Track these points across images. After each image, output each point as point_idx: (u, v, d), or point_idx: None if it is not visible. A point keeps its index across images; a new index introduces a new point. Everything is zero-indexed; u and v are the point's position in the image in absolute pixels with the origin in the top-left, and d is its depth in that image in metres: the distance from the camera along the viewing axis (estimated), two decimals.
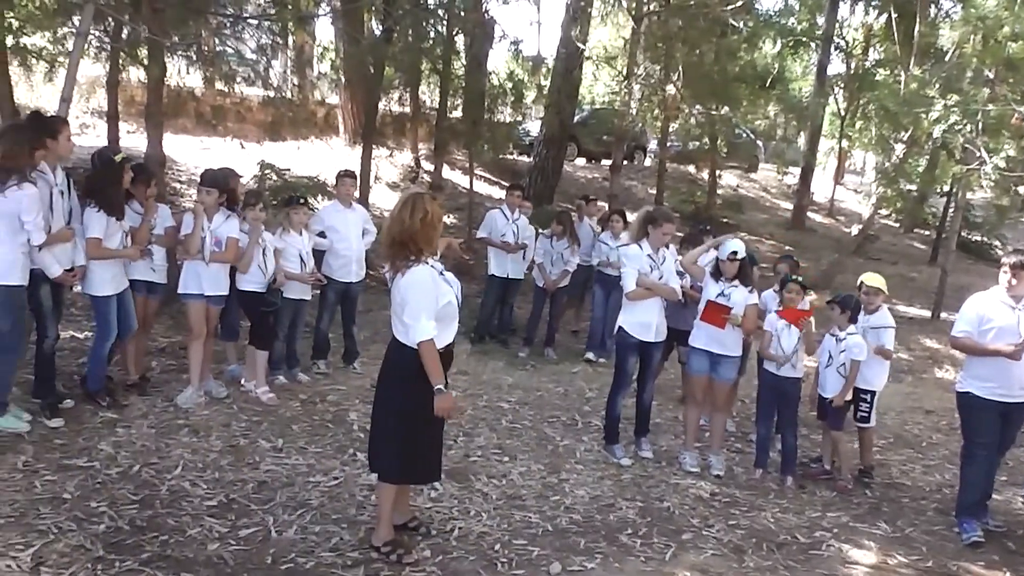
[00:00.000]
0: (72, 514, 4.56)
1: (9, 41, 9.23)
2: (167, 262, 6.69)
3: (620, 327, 6.42)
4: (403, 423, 4.36)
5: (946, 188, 17.84)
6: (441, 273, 4.36)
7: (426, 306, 4.20)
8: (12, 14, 9.09)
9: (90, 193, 5.85)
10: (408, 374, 4.28)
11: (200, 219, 6.36)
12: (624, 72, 15.74)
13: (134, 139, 14.25)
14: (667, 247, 6.54)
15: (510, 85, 14.75)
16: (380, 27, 12.54)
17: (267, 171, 11.46)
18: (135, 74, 12.40)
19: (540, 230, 9.81)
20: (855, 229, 16.68)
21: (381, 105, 13.21)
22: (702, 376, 6.48)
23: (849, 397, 6.37)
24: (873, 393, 6.57)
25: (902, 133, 14.49)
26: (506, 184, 13.32)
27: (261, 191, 7.42)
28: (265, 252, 6.72)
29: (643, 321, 6.35)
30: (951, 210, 17.56)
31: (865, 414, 6.59)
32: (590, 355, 9.46)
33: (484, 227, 9.55)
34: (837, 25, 20.89)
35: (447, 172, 16.39)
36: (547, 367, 9.05)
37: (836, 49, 21.43)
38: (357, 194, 8.89)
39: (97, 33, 9.30)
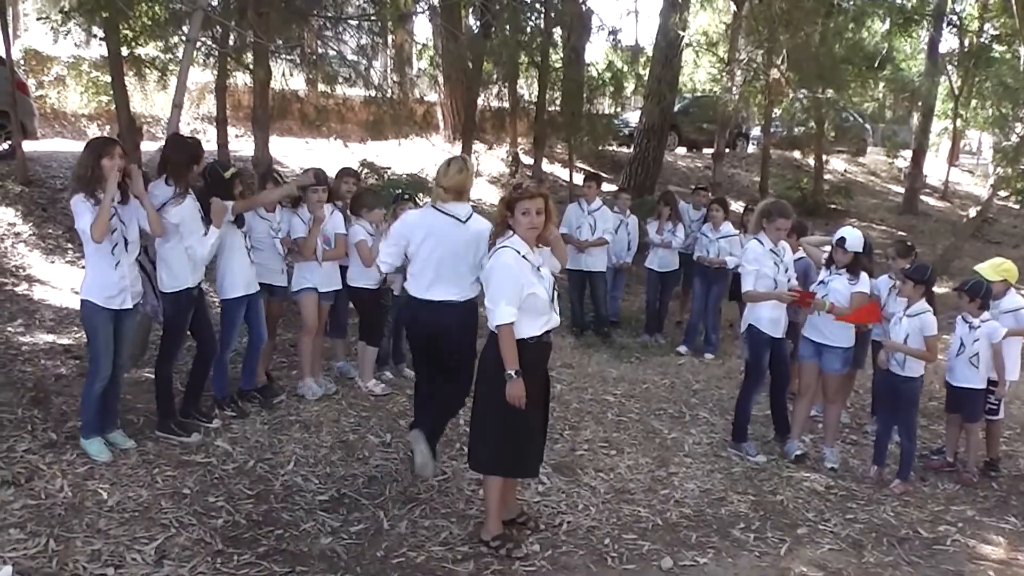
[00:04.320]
0: (192, 508, 4.70)
1: (124, 52, 9.58)
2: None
3: (751, 325, 6.25)
4: (498, 414, 4.35)
5: None
6: (538, 268, 4.34)
7: (507, 291, 4.21)
8: (127, 26, 9.43)
9: (203, 208, 5.68)
10: (499, 364, 4.28)
11: (319, 222, 6.48)
12: (726, 58, 15.46)
13: (241, 142, 14.72)
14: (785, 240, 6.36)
15: (609, 76, 14.63)
16: (478, 22, 12.60)
17: (367, 170, 11.63)
18: (241, 79, 12.77)
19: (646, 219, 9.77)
20: (972, 212, 16.04)
21: (480, 100, 13.27)
22: (808, 362, 6.30)
23: (982, 386, 6.07)
24: (1005, 384, 6.25)
25: (1022, 110, 13.86)
26: (606, 176, 13.24)
27: (378, 191, 7.50)
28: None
29: (773, 317, 6.18)
30: None
31: (994, 406, 6.28)
32: (681, 349, 9.25)
33: (562, 223, 9.40)
34: (949, 0, 20.07)
35: (547, 165, 16.38)
36: (652, 359, 8.92)
37: (948, 25, 20.58)
38: None
39: (205, 40, 9.57)
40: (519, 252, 4.27)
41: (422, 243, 4.94)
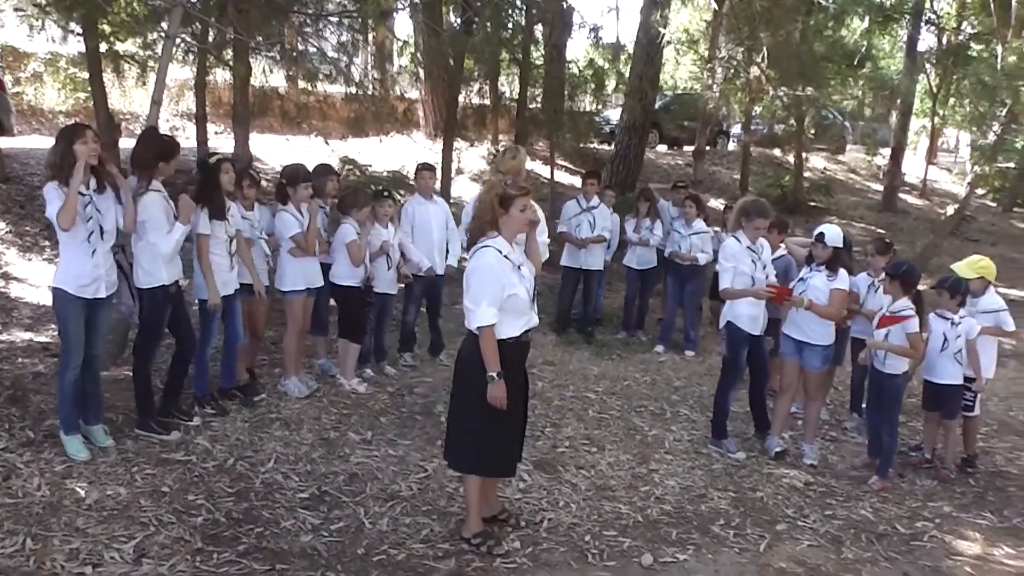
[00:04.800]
0: (172, 507, 4.67)
1: (103, 48, 9.50)
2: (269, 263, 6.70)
3: (730, 322, 6.26)
4: (477, 414, 4.34)
5: None
6: (519, 267, 4.33)
7: (488, 292, 4.19)
8: (105, 21, 9.35)
9: (199, 199, 5.67)
10: (481, 364, 4.27)
11: (316, 217, 6.47)
12: (707, 55, 15.49)
13: (221, 140, 14.63)
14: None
15: (590, 73, 14.62)
16: (459, 19, 12.58)
17: (349, 167, 11.60)
18: (221, 76, 12.70)
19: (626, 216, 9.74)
20: (950, 210, 16.15)
21: (461, 97, 13.24)
22: (789, 360, 6.32)
23: (961, 381, 6.11)
24: (982, 380, 6.30)
25: (1000, 108, 13.95)
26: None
27: (365, 191, 7.48)
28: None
29: (752, 314, 6.19)
30: None
31: (970, 402, 6.33)
32: (659, 348, 9.24)
33: (561, 220, 9.39)
34: None
35: (528, 163, 16.32)
36: (633, 356, 8.94)
37: (927, 24, 20.71)
38: (438, 186, 8.90)
39: (185, 36, 9.51)
40: (501, 252, 4.26)
41: None
